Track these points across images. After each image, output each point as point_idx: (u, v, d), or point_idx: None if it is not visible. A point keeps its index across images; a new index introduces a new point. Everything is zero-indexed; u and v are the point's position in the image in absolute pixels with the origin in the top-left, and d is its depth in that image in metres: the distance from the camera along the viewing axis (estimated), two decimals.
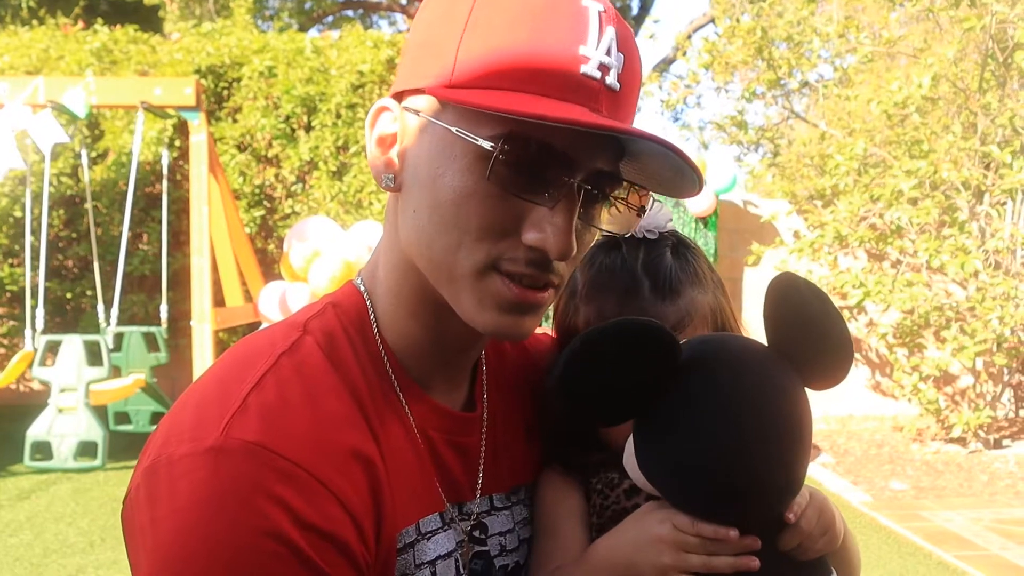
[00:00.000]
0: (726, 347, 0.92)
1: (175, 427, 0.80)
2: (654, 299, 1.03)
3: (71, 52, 9.27)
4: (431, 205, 0.83)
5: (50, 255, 8.18)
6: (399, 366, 0.92)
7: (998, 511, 5.96)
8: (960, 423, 7.38)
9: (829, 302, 0.89)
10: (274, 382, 0.82)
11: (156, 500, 0.76)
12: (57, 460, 6.61)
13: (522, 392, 1.08)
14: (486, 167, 0.79)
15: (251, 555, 0.73)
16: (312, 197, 9.09)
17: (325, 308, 0.93)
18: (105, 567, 4.64)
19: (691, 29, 15.52)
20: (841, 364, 0.90)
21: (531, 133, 0.78)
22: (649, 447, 0.91)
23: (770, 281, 0.90)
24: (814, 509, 0.93)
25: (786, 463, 0.87)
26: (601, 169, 0.83)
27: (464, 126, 0.80)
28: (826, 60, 9.43)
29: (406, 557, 0.87)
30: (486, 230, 0.82)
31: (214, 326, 6.92)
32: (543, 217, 0.81)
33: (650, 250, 1.08)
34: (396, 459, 0.87)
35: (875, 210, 7.81)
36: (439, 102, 0.83)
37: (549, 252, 0.81)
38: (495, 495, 0.99)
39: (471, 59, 0.80)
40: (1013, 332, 7.12)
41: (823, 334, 0.89)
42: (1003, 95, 7.41)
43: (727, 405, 0.86)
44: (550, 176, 0.81)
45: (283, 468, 0.76)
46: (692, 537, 0.89)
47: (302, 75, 9.16)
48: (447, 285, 0.85)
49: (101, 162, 9.17)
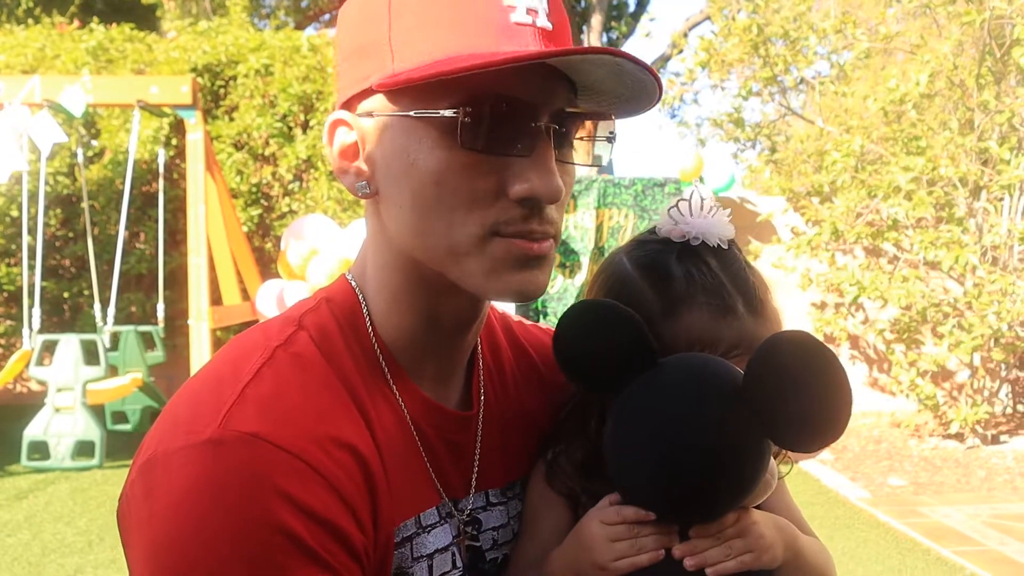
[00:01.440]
0: (699, 366, 0.92)
1: (171, 422, 0.80)
2: (750, 317, 0.97)
3: (67, 51, 9.26)
4: (413, 194, 0.84)
5: (47, 254, 8.17)
6: (392, 359, 0.92)
7: (996, 507, 5.97)
8: (958, 419, 7.39)
9: (834, 364, 0.85)
10: (271, 374, 0.82)
11: (153, 494, 0.76)
12: (54, 460, 6.61)
13: (519, 388, 1.08)
14: (455, 137, 0.80)
15: (251, 546, 0.73)
16: (309, 195, 9.08)
17: (319, 303, 0.94)
18: (104, 566, 4.64)
19: (687, 27, 15.51)
20: (818, 433, 0.86)
21: (489, 90, 0.80)
22: (609, 427, 0.94)
23: (773, 335, 0.87)
24: (737, 529, 0.92)
25: (710, 505, 0.90)
26: (561, 108, 0.85)
27: (422, 106, 0.82)
28: (823, 56, 9.44)
29: (403, 551, 0.87)
30: (473, 199, 0.83)
31: (211, 325, 6.91)
32: (524, 168, 0.82)
33: (729, 263, 1.00)
34: (393, 452, 0.87)
35: (872, 206, 7.82)
36: (390, 94, 0.84)
37: (541, 198, 0.82)
38: (491, 491, 1.00)
39: (405, 43, 0.82)
40: (1010, 327, 7.12)
41: (807, 395, 0.85)
42: (1000, 92, 7.41)
43: (671, 437, 0.88)
44: (519, 126, 0.82)
45: (281, 459, 0.76)
46: (618, 527, 0.92)
47: (299, 73, 9.15)
48: (453, 265, 0.86)
49: (98, 161, 9.16)
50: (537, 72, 0.81)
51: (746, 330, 0.96)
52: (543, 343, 1.16)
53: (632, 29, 18.15)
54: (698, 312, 0.96)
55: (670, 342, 0.95)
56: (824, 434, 0.86)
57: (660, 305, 0.97)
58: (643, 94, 0.87)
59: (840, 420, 0.85)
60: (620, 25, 18.01)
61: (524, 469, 1.05)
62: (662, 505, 0.91)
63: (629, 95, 0.88)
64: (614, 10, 17.84)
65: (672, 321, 0.96)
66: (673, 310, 0.97)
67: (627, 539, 0.91)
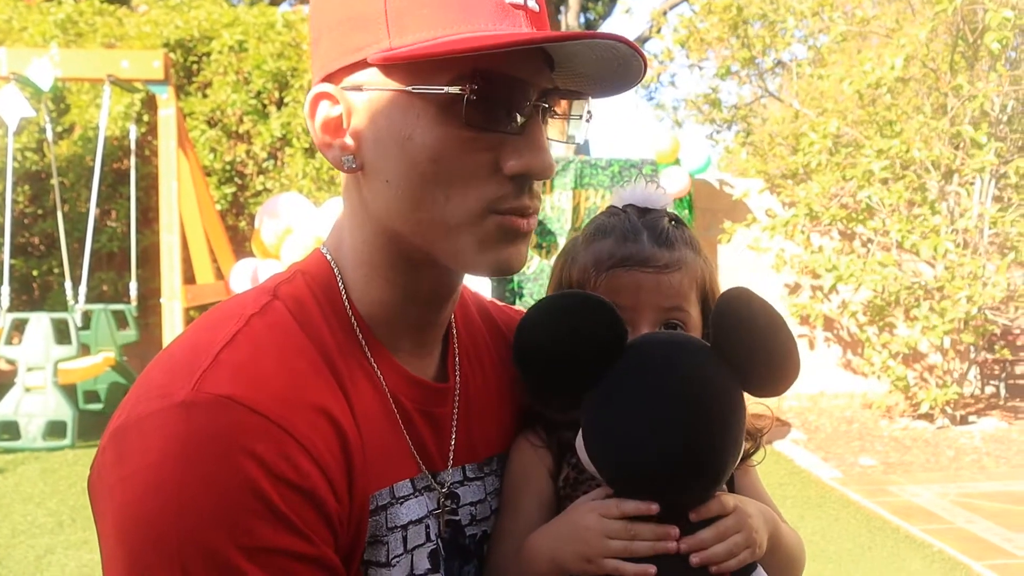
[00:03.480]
0: (671, 338, 0.97)
1: (144, 388, 0.79)
2: (651, 245, 1.07)
3: (34, 23, 9.06)
4: (407, 169, 0.84)
5: (15, 232, 8.04)
6: (369, 332, 0.92)
7: (963, 485, 6.09)
8: (928, 400, 7.51)
9: (778, 317, 0.96)
10: (246, 340, 0.82)
11: (124, 458, 0.75)
12: (25, 440, 6.53)
13: (495, 364, 1.09)
14: (455, 113, 0.82)
15: (224, 510, 0.72)
16: (284, 174, 8.99)
17: (294, 275, 0.93)
18: (75, 547, 4.60)
19: (667, 5, 15.48)
20: (783, 376, 0.96)
21: (489, 68, 0.81)
22: (586, 422, 0.94)
23: (724, 291, 0.96)
24: (736, 519, 0.94)
25: (701, 449, 0.90)
26: (548, 87, 0.87)
27: (420, 82, 0.82)
28: (800, 40, 9.47)
29: (378, 519, 0.87)
30: (469, 175, 0.84)
31: (184, 303, 6.84)
32: (518, 144, 0.84)
33: (649, 213, 1.12)
34: (369, 421, 0.87)
35: (847, 189, 7.88)
36: (384, 69, 0.83)
37: (535, 174, 0.85)
38: (467, 465, 1.00)
39: (402, 18, 0.81)
40: (980, 311, 7.23)
41: (767, 346, 0.95)
42: (973, 76, 7.48)
43: (654, 385, 0.90)
44: (514, 104, 0.84)
45: (255, 422, 0.75)
46: (616, 523, 0.91)
47: (273, 50, 9.03)
48: (444, 240, 0.86)
49: (67, 137, 9.00)
50: (530, 53, 0.84)
51: (646, 252, 1.05)
52: (514, 320, 1.17)
53: (609, 10, 18.09)
54: (604, 241, 1.08)
55: (579, 264, 1.08)
56: (788, 375, 0.96)
57: (582, 241, 1.11)
58: (625, 76, 0.89)
59: (795, 359, 0.97)
60: (597, 6, 17.94)
61: (500, 445, 1.05)
62: (670, 483, 0.90)
63: (610, 76, 0.90)
64: None
65: (586, 248, 1.09)
66: (590, 242, 1.10)
67: (623, 539, 0.91)
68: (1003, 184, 7.88)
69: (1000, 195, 7.95)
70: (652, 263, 1.04)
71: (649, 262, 1.04)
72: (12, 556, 4.51)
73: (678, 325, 1.05)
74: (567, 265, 1.11)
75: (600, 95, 0.94)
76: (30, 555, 4.51)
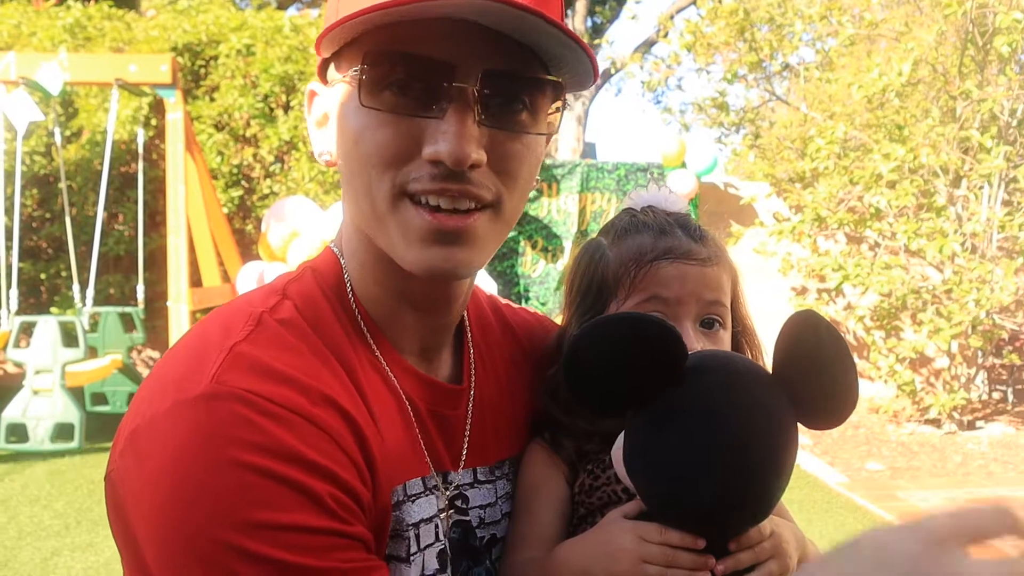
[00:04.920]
0: (735, 365, 0.91)
1: (159, 385, 0.78)
2: (686, 239, 1.05)
3: (44, 28, 9.11)
4: (345, 156, 0.85)
5: (24, 235, 8.07)
6: (377, 331, 0.91)
7: (971, 491, 6.05)
8: (935, 405, 7.47)
9: (845, 348, 0.89)
10: (260, 337, 0.81)
11: (146, 458, 0.74)
12: (33, 442, 6.55)
13: (507, 366, 1.07)
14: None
15: (257, 493, 0.71)
16: (291, 177, 9.01)
17: (304, 272, 0.93)
18: (81, 549, 4.61)
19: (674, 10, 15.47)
20: (842, 409, 0.89)
21: (394, 48, 0.78)
22: (636, 442, 0.90)
23: (792, 314, 0.90)
24: (772, 544, 0.93)
25: (759, 488, 0.87)
26: (494, 69, 0.80)
27: (345, 68, 0.83)
28: (807, 43, 9.45)
29: (398, 514, 0.86)
30: (387, 159, 0.81)
31: (191, 306, 6.86)
32: (436, 129, 0.79)
33: (674, 213, 1.11)
34: (385, 417, 0.86)
35: (854, 193, 7.85)
36: (335, 60, 0.85)
37: (445, 162, 0.78)
38: (479, 468, 0.99)
39: (343, 5, 0.81)
40: (988, 315, 7.19)
41: (831, 378, 0.88)
42: (982, 80, 7.45)
43: (717, 421, 0.85)
44: (431, 87, 0.79)
45: (279, 412, 0.75)
46: (655, 547, 0.89)
47: (280, 54, 9.05)
48: (377, 230, 0.85)
49: (75, 141, 9.04)
50: (461, 32, 0.77)
51: (682, 244, 1.03)
52: (529, 324, 1.16)
53: (616, 13, 18.07)
54: (640, 236, 1.06)
55: (614, 259, 1.05)
56: (847, 409, 0.89)
57: (609, 240, 1.09)
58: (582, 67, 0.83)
59: (856, 394, 0.89)
60: (604, 10, 17.94)
61: (513, 448, 1.04)
62: (719, 520, 0.88)
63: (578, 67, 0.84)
64: None
65: (617, 245, 1.07)
66: (620, 238, 1.07)
67: (660, 564, 0.88)
68: (1012, 188, 7.84)
69: (1009, 199, 7.91)
70: (694, 256, 1.03)
71: (692, 255, 1.03)
72: (18, 558, 4.51)
73: (716, 320, 1.04)
74: (595, 264, 1.08)
75: (572, 86, 0.87)
76: (36, 557, 4.52)
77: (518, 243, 8.28)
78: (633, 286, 1.02)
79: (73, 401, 6.68)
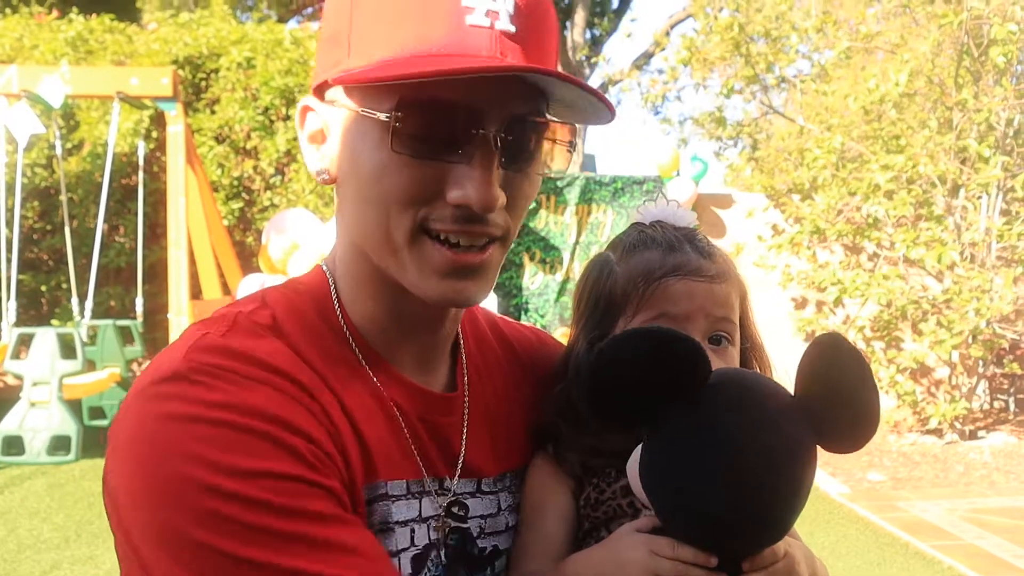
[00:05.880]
0: (756, 386, 0.90)
1: (137, 380, 0.83)
2: (695, 255, 1.05)
3: (45, 41, 9.15)
4: (357, 187, 0.85)
5: (24, 247, 8.07)
6: (364, 343, 0.93)
7: (973, 501, 6.04)
8: (936, 415, 7.46)
9: (868, 372, 0.89)
10: (235, 333, 0.84)
11: (119, 433, 0.78)
12: (30, 455, 6.53)
13: (506, 380, 1.08)
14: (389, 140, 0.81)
15: (225, 443, 0.74)
16: (291, 189, 9.03)
17: (287, 285, 0.96)
18: (80, 563, 4.59)
19: (669, 24, 15.55)
20: (863, 435, 0.89)
21: (424, 96, 0.79)
22: (654, 458, 0.90)
23: (816, 336, 0.90)
24: (785, 564, 0.92)
25: (775, 511, 0.87)
26: (516, 114, 0.82)
27: (368, 104, 0.82)
28: (804, 55, 9.50)
29: (383, 507, 0.88)
30: (410, 198, 0.83)
31: (191, 319, 6.85)
32: (462, 174, 0.81)
33: (682, 228, 1.11)
34: (364, 417, 0.88)
35: (852, 203, 7.87)
36: (345, 88, 0.84)
37: (473, 206, 0.81)
38: (484, 479, 0.99)
39: (361, 38, 0.82)
40: (988, 324, 7.20)
41: (853, 404, 0.88)
42: (978, 91, 7.48)
43: (736, 442, 0.85)
44: (459, 132, 0.81)
45: (250, 384, 0.78)
46: (667, 562, 0.88)
47: (281, 66, 9.09)
48: (390, 260, 0.86)
49: (76, 153, 9.06)
50: (488, 78, 0.78)
51: (692, 261, 1.03)
52: (528, 339, 1.17)
53: (615, 26, 18.17)
54: (648, 252, 1.06)
55: (623, 275, 1.05)
56: (868, 434, 0.89)
57: (618, 255, 1.08)
58: (599, 111, 0.87)
59: (877, 420, 0.89)
60: (603, 22, 18.03)
61: (516, 461, 1.04)
62: (736, 538, 0.88)
63: (589, 107, 0.87)
64: (597, 7, 17.86)
65: (625, 261, 1.06)
66: (628, 254, 1.07)
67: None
68: (1010, 198, 7.86)
69: (1007, 209, 7.93)
70: (703, 272, 1.03)
71: (701, 271, 1.03)
72: (18, 571, 4.49)
73: (724, 337, 1.04)
74: (602, 279, 1.08)
75: (585, 123, 0.91)
76: (36, 570, 4.50)
77: (517, 255, 8.29)
78: (642, 303, 1.02)
79: (70, 413, 6.67)
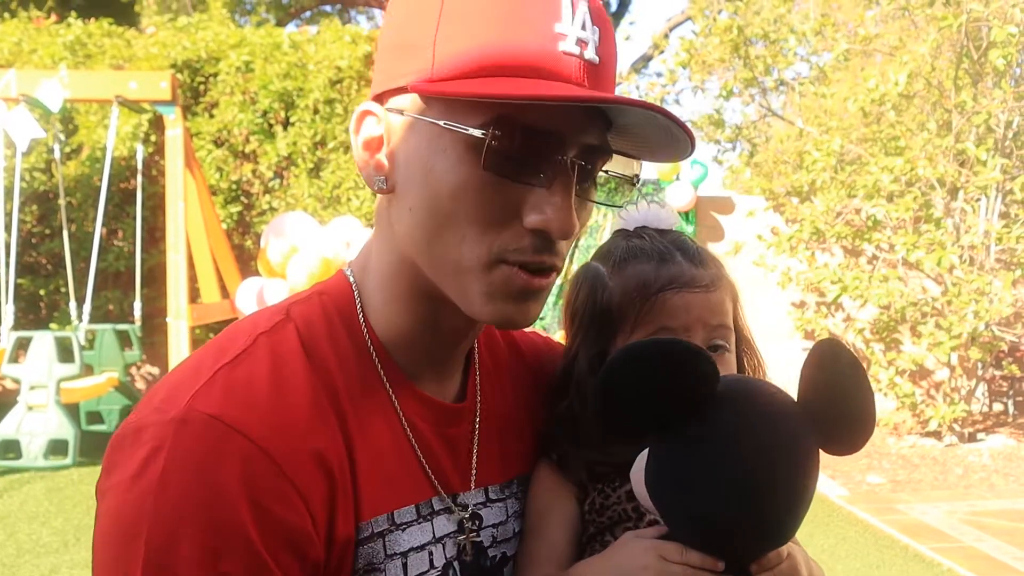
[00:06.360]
0: (761, 392, 0.92)
1: (148, 401, 0.81)
2: (688, 265, 1.05)
3: (44, 45, 9.15)
4: (428, 201, 0.83)
5: (23, 251, 8.08)
6: (387, 357, 0.91)
7: (972, 503, 6.04)
8: (936, 417, 7.46)
9: (865, 376, 0.92)
10: (248, 361, 0.82)
11: (114, 468, 0.77)
12: (27, 459, 6.52)
13: (516, 385, 1.07)
14: (479, 156, 0.79)
15: (196, 528, 0.73)
16: (290, 193, 9.03)
17: (312, 295, 0.92)
18: (80, 567, 4.58)
19: (668, 27, 15.58)
20: (862, 438, 0.92)
21: (520, 116, 0.78)
22: (661, 465, 0.90)
23: (816, 343, 0.92)
24: (789, 565, 0.93)
25: (782, 517, 0.89)
26: (591, 144, 0.83)
27: (451, 118, 0.79)
28: (803, 58, 9.50)
29: (374, 546, 0.85)
30: (487, 220, 0.81)
31: (190, 323, 6.85)
32: (542, 199, 0.81)
33: (668, 234, 1.11)
34: (370, 450, 0.86)
35: (852, 206, 7.88)
36: (423, 98, 0.82)
37: (552, 233, 0.81)
38: (491, 487, 0.98)
39: (449, 51, 0.79)
40: (987, 327, 7.20)
41: (851, 407, 0.91)
42: (977, 93, 7.49)
43: (743, 448, 0.86)
44: (544, 156, 0.80)
45: (241, 445, 0.76)
46: (676, 567, 0.89)
47: (279, 70, 9.09)
48: (452, 279, 0.84)
49: (75, 157, 9.06)
50: (574, 107, 0.80)
51: (688, 272, 1.04)
52: (537, 345, 1.16)
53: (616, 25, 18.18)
54: (640, 265, 1.05)
55: (617, 290, 1.05)
56: (865, 437, 0.91)
57: (609, 268, 1.07)
58: (676, 145, 0.86)
59: (874, 423, 0.92)
60: None
61: (522, 466, 1.04)
62: (745, 544, 0.89)
63: (662, 142, 0.87)
64: None
65: (618, 274, 1.06)
66: (620, 267, 1.06)
67: None
68: (1009, 201, 7.87)
69: (1006, 211, 7.93)
70: (698, 283, 1.03)
71: (695, 282, 1.03)
72: (17, 575, 4.49)
73: (721, 345, 1.04)
74: (596, 292, 1.07)
75: (652, 159, 0.91)
76: (35, 574, 4.49)
77: None
78: (639, 318, 1.02)
79: (68, 417, 6.66)
